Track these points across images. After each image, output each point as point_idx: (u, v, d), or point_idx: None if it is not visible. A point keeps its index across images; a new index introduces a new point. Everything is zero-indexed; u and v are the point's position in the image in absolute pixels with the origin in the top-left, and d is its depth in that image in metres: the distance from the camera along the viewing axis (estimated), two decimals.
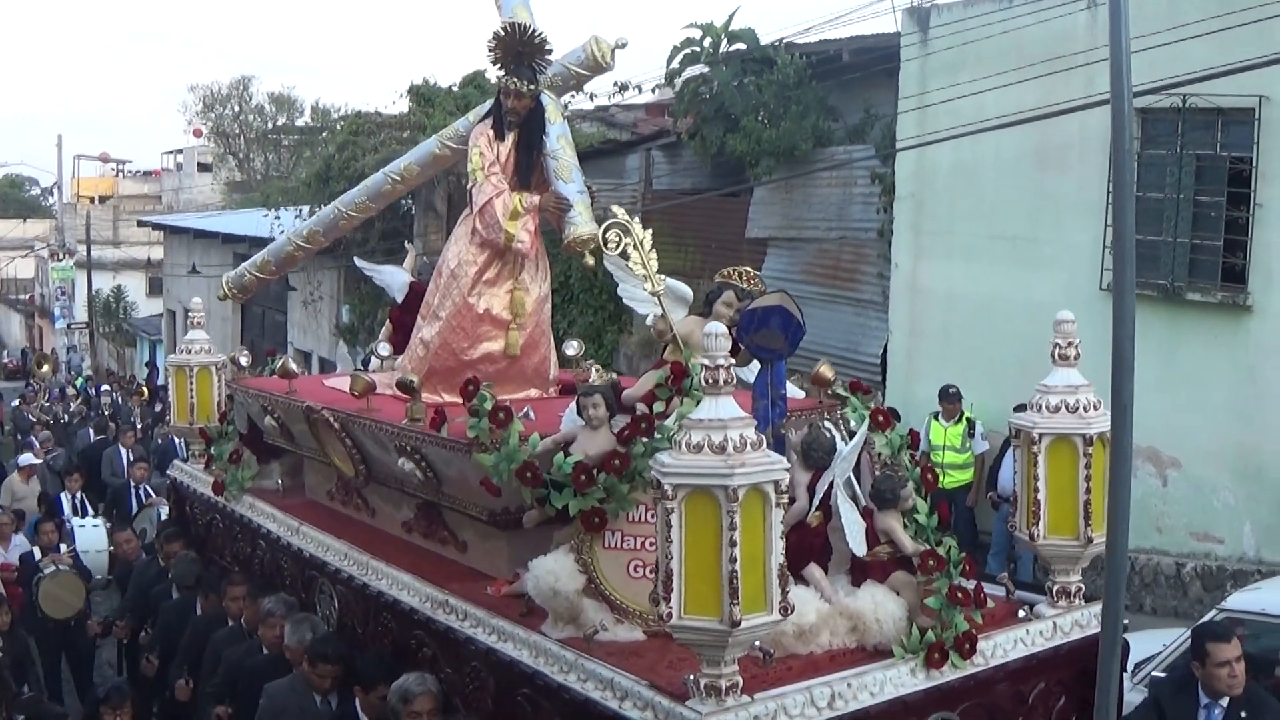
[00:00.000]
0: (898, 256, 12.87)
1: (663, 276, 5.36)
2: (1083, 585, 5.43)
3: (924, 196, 12.64)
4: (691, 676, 4.52)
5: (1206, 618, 7.26)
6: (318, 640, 6.19)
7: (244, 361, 8.03)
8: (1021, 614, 5.34)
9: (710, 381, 4.32)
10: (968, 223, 12.26)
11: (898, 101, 12.64)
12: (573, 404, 5.45)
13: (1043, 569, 5.67)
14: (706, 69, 14.79)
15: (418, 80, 21.34)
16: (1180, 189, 10.68)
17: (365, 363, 8.52)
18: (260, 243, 20.41)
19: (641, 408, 5.33)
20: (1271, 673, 6.87)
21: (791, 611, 4.43)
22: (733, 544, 4.17)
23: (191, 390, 8.37)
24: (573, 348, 7.40)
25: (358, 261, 8.95)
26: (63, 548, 10.03)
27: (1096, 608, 5.43)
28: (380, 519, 6.93)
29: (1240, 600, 7.54)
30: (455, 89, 20.67)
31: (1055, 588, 5.39)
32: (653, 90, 16.26)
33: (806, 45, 14.30)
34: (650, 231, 5.31)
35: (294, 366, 7.39)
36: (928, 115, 12.17)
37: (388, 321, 8.15)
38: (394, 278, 8.12)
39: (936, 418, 11.61)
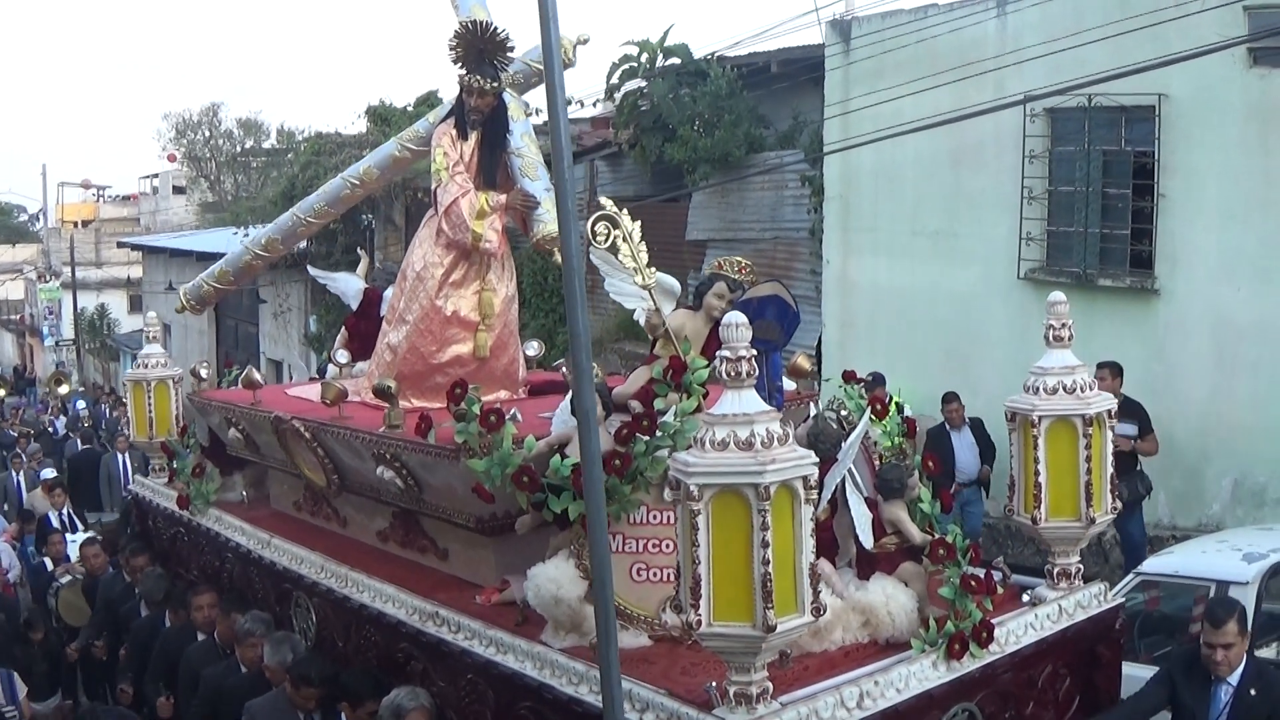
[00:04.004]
0: (828, 254, 12.55)
1: (653, 269, 4.73)
2: (1081, 566, 4.94)
3: (851, 197, 12.31)
4: (714, 684, 3.94)
5: (1124, 582, 7.05)
6: (299, 662, 5.43)
7: (204, 374, 7.18)
8: (1026, 598, 4.83)
9: (732, 374, 3.73)
10: (891, 220, 11.98)
11: (824, 108, 12.29)
12: (564, 404, 4.80)
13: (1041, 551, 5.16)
14: (644, 83, 14.38)
15: (375, 101, 20.91)
16: (1089, 182, 10.49)
17: (322, 370, 7.74)
18: None
19: (635, 405, 4.71)
20: (1187, 630, 6.66)
21: (824, 612, 3.85)
22: (765, 545, 3.61)
23: (150, 405, 7.52)
24: (533, 348, 6.75)
25: (311, 270, 8.17)
26: (72, 557, 9.11)
27: (1096, 588, 4.98)
28: (352, 528, 6.20)
29: (1155, 564, 7.35)
30: (410, 109, 20.02)
31: (1056, 570, 4.90)
32: (595, 104, 15.86)
33: (737, 58, 13.91)
34: (639, 223, 4.67)
35: (258, 376, 6.57)
36: (852, 120, 11.84)
37: (344, 329, 7.43)
38: (348, 285, 7.41)
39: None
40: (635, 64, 14.32)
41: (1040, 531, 4.80)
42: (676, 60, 14.23)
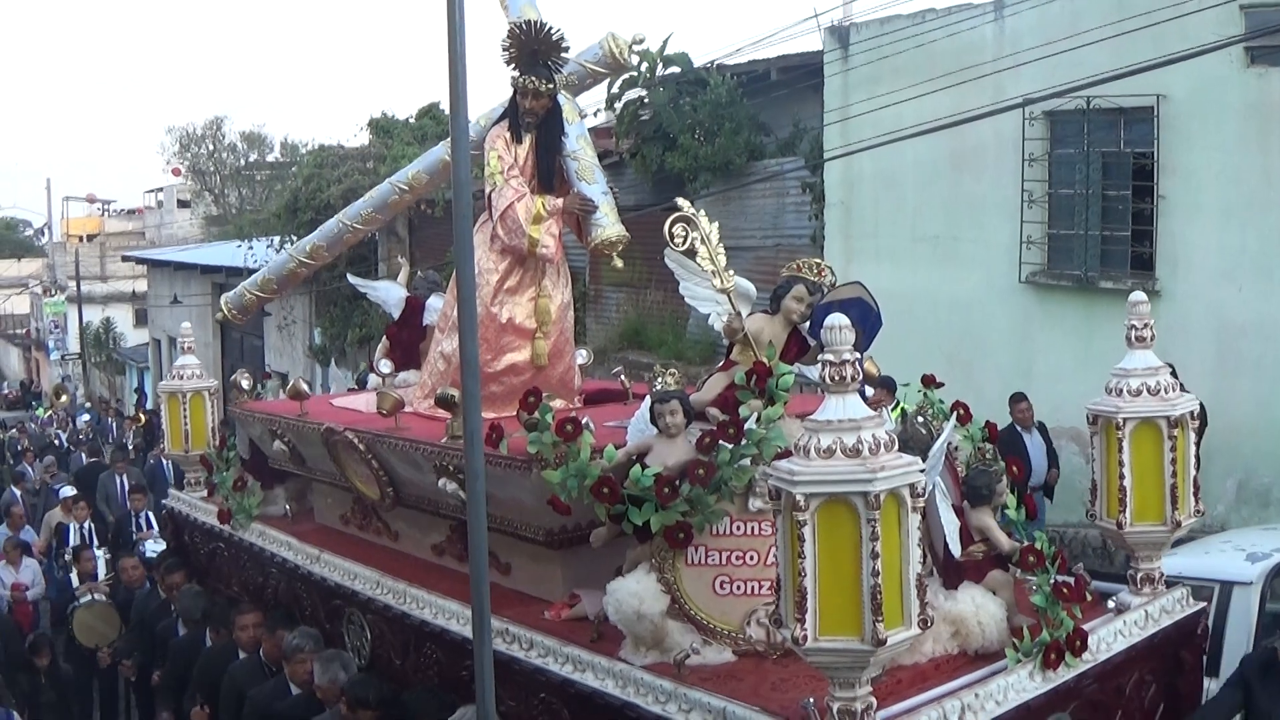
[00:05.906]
0: (830, 260, 12.10)
1: (731, 272, 4.46)
2: (1164, 571, 4.72)
3: (851, 203, 12.10)
4: (811, 700, 3.67)
5: None
6: (356, 683, 5.08)
7: (245, 385, 6.79)
8: (1111, 605, 4.59)
9: (836, 379, 3.47)
10: (892, 226, 11.78)
11: (823, 115, 12.06)
12: (640, 412, 4.52)
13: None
14: (644, 92, 14.03)
15: (377, 114, 20.31)
16: (1089, 184, 10.34)
17: (362, 381, 7.36)
18: (236, 272, 19.00)
19: (714, 412, 4.44)
20: None
21: (931, 624, 3.60)
22: (875, 555, 3.35)
23: (185, 416, 7.12)
24: (582, 356, 6.39)
25: (351, 278, 7.80)
26: (100, 576, 8.72)
27: (1180, 593, 4.75)
28: (405, 542, 5.85)
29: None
30: (412, 121, 19.57)
31: (1139, 575, 4.66)
32: (595, 114, 15.38)
33: (737, 65, 13.63)
34: (718, 225, 4.40)
35: (305, 387, 6.20)
36: (851, 126, 11.61)
37: (384, 338, 7.07)
38: (389, 293, 7.06)
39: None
40: (635, 73, 13.94)
41: (1125, 536, 4.57)
42: (676, 69, 13.93)
